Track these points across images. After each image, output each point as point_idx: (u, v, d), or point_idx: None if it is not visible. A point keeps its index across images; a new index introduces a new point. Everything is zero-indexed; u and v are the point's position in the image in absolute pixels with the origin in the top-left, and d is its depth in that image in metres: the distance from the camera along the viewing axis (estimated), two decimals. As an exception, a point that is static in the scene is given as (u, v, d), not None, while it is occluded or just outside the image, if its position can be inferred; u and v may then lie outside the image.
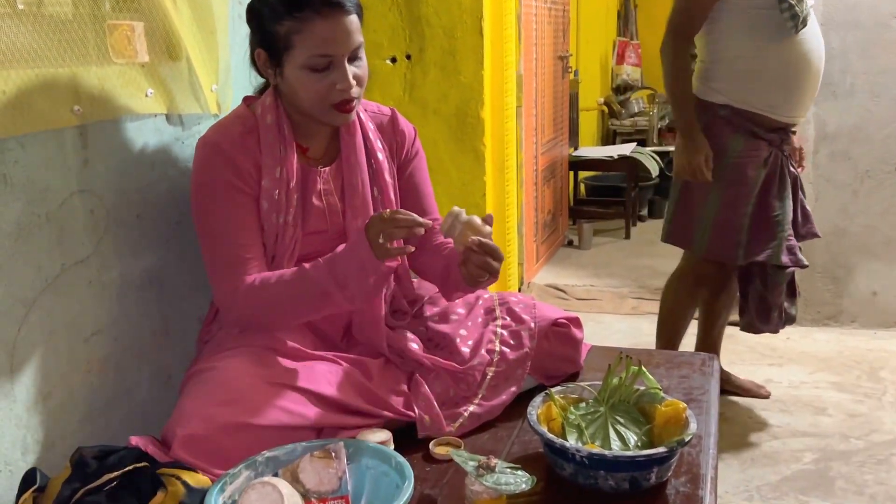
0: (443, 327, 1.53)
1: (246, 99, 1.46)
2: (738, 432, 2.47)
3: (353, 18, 1.32)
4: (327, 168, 1.45)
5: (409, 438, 1.34)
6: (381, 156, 1.49)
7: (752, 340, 3.24)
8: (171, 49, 1.44)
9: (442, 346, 1.50)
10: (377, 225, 1.27)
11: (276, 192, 1.37)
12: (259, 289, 1.33)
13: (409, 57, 2.78)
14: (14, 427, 1.18)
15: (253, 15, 1.36)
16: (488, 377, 1.45)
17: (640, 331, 3.40)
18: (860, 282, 3.33)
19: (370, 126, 1.50)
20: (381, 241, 1.26)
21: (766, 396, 2.69)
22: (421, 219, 1.27)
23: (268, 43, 1.34)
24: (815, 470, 2.24)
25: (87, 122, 1.27)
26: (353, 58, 1.34)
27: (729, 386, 2.68)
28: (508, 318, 1.56)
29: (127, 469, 1.10)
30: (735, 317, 3.45)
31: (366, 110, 1.51)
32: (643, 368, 1.34)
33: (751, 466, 2.27)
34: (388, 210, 1.31)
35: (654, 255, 4.59)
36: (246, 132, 1.38)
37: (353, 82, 1.33)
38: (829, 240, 3.31)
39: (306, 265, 1.33)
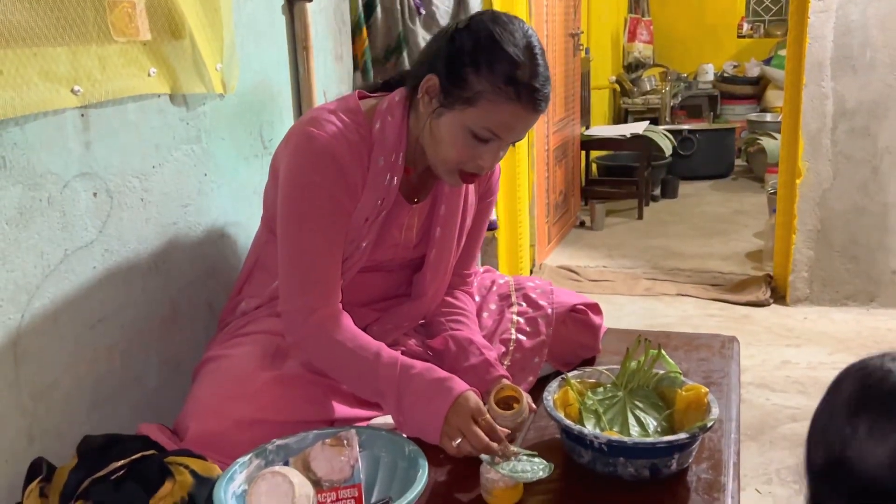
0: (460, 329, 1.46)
1: (360, 93, 1.35)
2: (757, 414, 2.43)
3: (538, 117, 1.26)
4: (418, 206, 1.39)
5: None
6: (472, 198, 1.44)
7: (769, 321, 3.21)
8: (174, 27, 1.40)
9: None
10: (469, 425, 1.15)
11: (366, 219, 1.30)
12: (328, 343, 1.24)
13: (417, 35, 2.72)
14: (20, 416, 1.15)
15: (453, 44, 1.22)
16: (504, 368, 1.41)
17: (653, 312, 3.35)
18: (880, 260, 3.27)
19: None
20: (458, 439, 1.15)
21: None
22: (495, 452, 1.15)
23: (451, 81, 1.21)
24: (834, 452, 2.20)
25: (88, 103, 1.23)
26: (508, 143, 1.27)
27: None
28: (525, 304, 1.52)
29: (134, 458, 1.07)
30: (751, 297, 3.41)
31: None
32: (662, 352, 1.30)
33: (770, 449, 2.23)
34: (497, 434, 1.17)
35: (667, 235, 4.54)
36: (360, 140, 1.28)
37: (494, 164, 1.28)
38: (848, 218, 3.25)
39: (383, 356, 1.22)
